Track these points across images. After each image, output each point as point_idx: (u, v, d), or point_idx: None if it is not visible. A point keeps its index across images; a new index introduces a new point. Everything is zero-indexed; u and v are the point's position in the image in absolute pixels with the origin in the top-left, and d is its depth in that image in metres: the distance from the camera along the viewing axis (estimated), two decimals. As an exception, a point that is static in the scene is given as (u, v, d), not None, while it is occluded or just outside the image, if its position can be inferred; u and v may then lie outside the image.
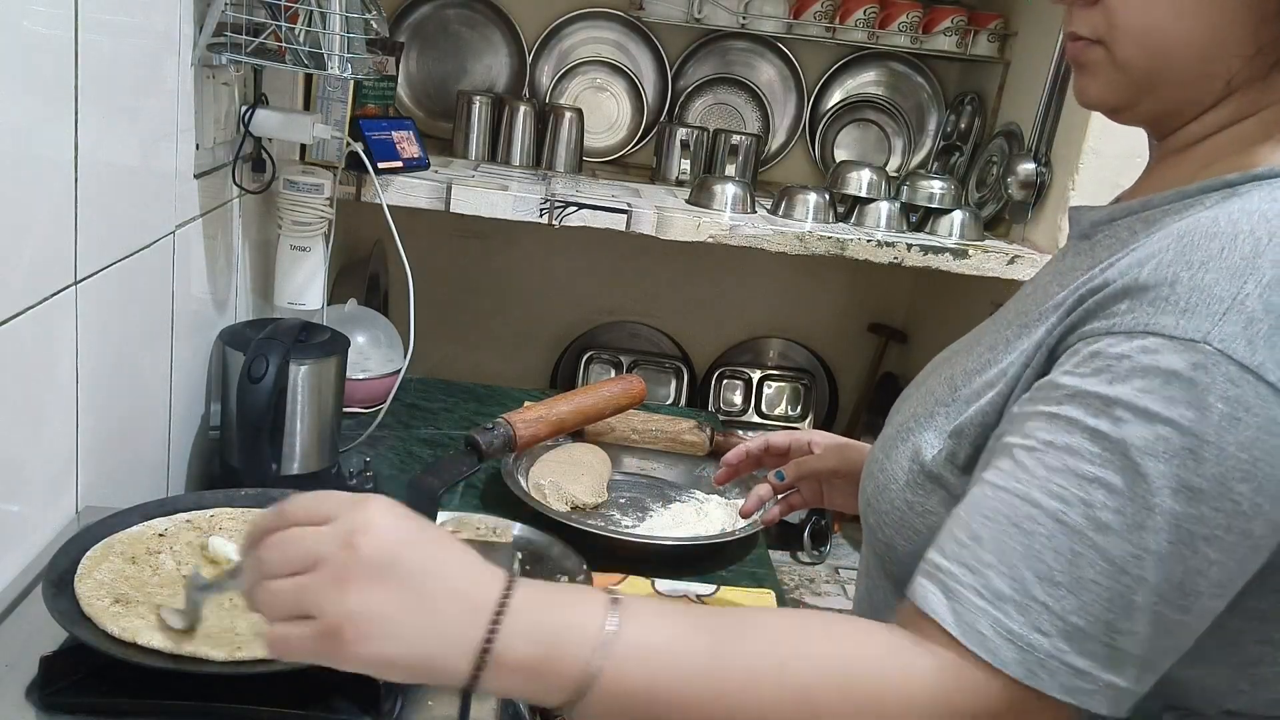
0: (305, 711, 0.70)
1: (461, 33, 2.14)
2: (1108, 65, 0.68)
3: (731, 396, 2.32)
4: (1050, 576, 0.57)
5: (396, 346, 1.58)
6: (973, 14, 2.01)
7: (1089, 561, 0.56)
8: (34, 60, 0.79)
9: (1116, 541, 0.56)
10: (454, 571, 0.58)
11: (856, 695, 0.59)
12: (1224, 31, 0.64)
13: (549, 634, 0.58)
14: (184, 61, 1.10)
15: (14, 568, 0.84)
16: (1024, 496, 0.59)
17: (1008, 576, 0.58)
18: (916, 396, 0.78)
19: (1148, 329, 0.58)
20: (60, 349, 0.88)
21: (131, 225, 1.01)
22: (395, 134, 1.64)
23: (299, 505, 0.59)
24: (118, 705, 0.69)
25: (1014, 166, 1.79)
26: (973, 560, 0.59)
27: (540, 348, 2.37)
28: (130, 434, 1.06)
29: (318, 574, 0.56)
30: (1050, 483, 0.58)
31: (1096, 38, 0.68)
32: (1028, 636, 0.57)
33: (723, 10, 1.99)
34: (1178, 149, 0.70)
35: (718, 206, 1.76)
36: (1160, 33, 0.65)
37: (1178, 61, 0.66)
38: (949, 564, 0.61)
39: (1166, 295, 0.58)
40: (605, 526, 1.28)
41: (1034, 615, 0.57)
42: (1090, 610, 0.56)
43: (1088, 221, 0.75)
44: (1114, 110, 0.71)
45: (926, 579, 0.61)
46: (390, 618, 0.56)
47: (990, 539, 0.59)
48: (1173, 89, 0.67)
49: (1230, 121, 0.67)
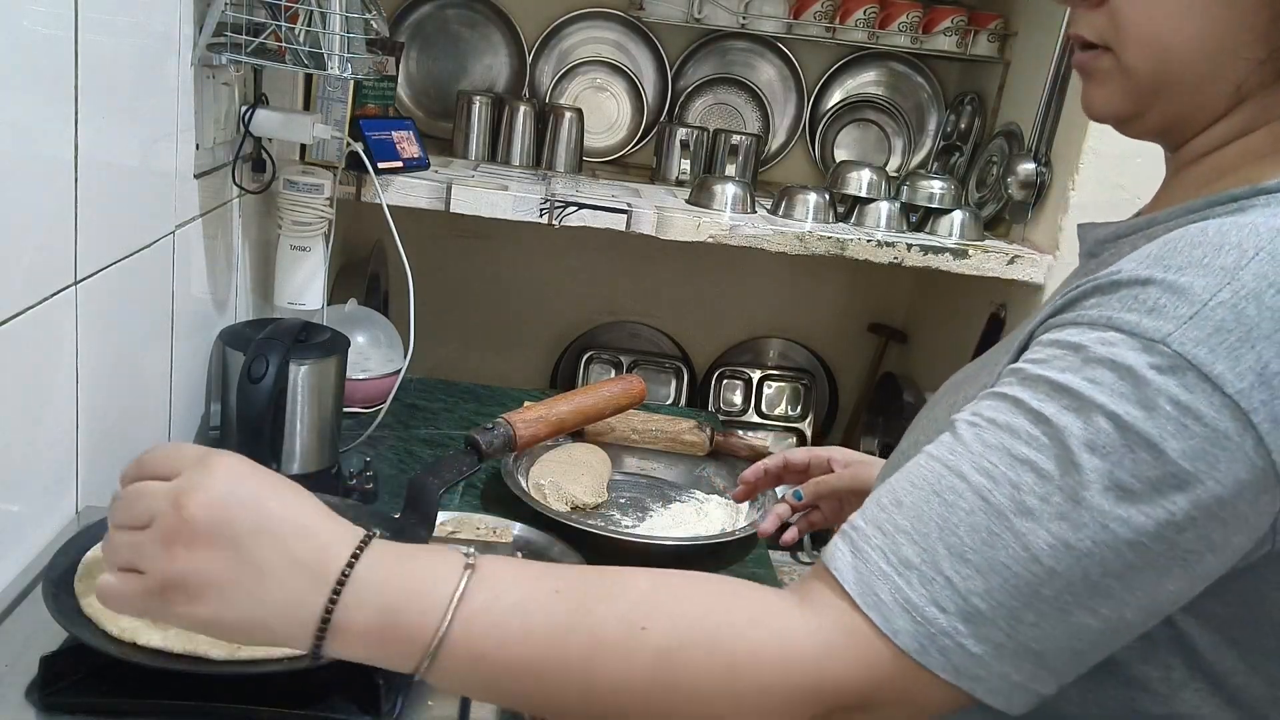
0: (305, 711, 0.70)
1: (461, 33, 2.14)
2: (1115, 72, 0.66)
3: (731, 396, 2.32)
4: (961, 553, 0.55)
5: (396, 346, 1.58)
6: (973, 14, 2.01)
7: (1004, 544, 0.54)
8: (34, 60, 0.79)
9: (1036, 529, 0.54)
10: (295, 537, 0.56)
11: (723, 657, 0.56)
12: (1233, 35, 0.62)
13: (393, 601, 0.56)
14: (184, 61, 1.10)
15: (14, 568, 0.84)
16: (953, 468, 0.57)
17: (918, 545, 0.56)
18: (928, 418, 0.77)
19: (1109, 323, 0.56)
20: (60, 349, 0.88)
21: (131, 225, 1.01)
22: (395, 134, 1.64)
23: (155, 456, 0.59)
24: (118, 705, 0.69)
25: (1014, 166, 1.79)
26: (888, 524, 0.58)
27: (540, 348, 2.37)
28: (130, 434, 1.06)
29: (149, 532, 0.56)
30: (983, 459, 0.57)
31: (1102, 42, 0.66)
32: (925, 610, 0.55)
33: (723, 10, 1.99)
34: (1188, 161, 0.68)
35: (718, 206, 1.76)
36: (1168, 35, 0.63)
37: (1186, 66, 0.63)
38: (864, 525, 0.59)
39: (1136, 294, 0.56)
40: (605, 526, 1.28)
41: (936, 589, 0.55)
42: (995, 595, 0.54)
43: (1093, 239, 0.74)
44: (1123, 121, 0.69)
45: (839, 537, 0.59)
46: (219, 583, 0.55)
47: (910, 505, 0.58)
48: (1181, 96, 0.65)
49: (1240, 133, 0.65)
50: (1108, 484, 0.53)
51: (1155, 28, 0.63)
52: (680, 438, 1.50)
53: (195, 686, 0.69)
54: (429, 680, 0.57)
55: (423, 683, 0.58)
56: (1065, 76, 1.74)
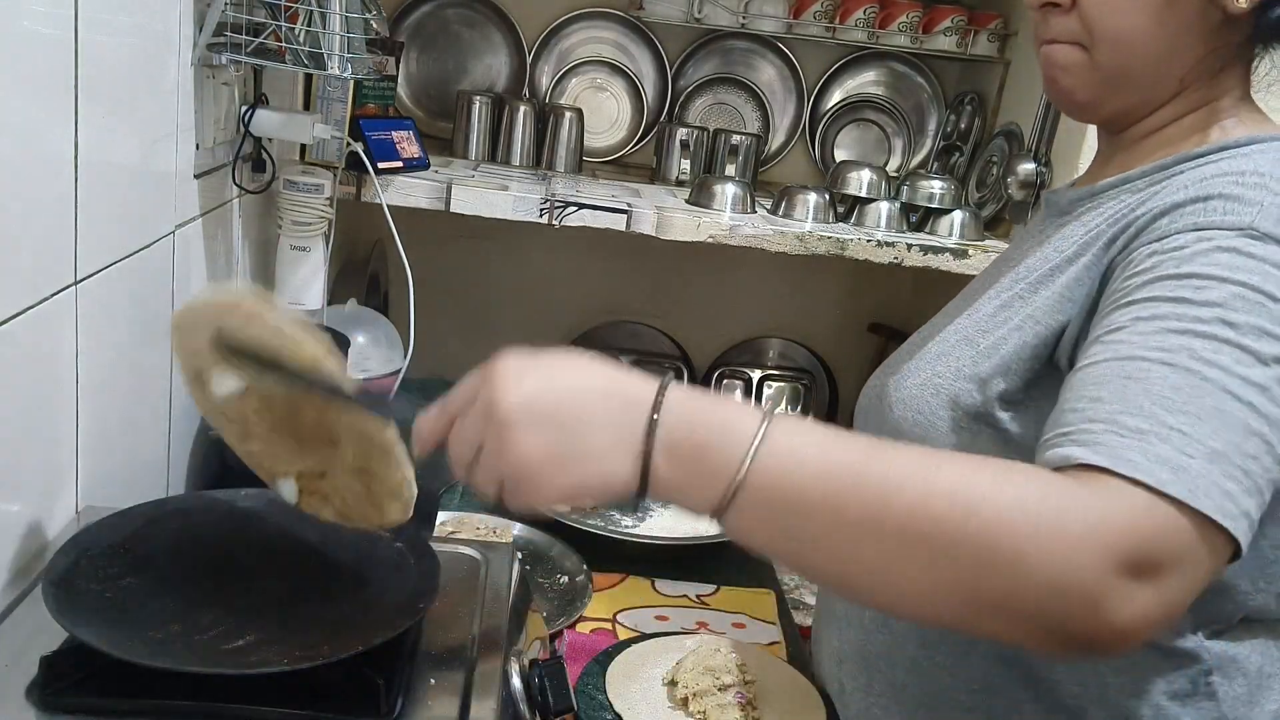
0: (305, 711, 0.70)
1: (461, 33, 2.14)
2: (1084, 66, 0.79)
3: (732, 396, 2.32)
4: (1179, 407, 0.59)
5: (396, 346, 1.58)
6: (973, 14, 2.01)
7: (1206, 391, 0.60)
8: (34, 60, 0.79)
9: (1223, 375, 0.60)
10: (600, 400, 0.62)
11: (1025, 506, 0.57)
12: (1181, 35, 0.76)
13: (702, 438, 0.61)
14: (184, 61, 1.10)
15: (14, 568, 0.84)
16: (1128, 356, 0.63)
17: (1139, 415, 0.60)
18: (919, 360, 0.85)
19: (1197, 226, 0.67)
20: (60, 349, 0.88)
21: (131, 225, 1.01)
22: (395, 134, 1.64)
23: (455, 398, 0.66)
24: (118, 705, 0.69)
25: (1014, 166, 1.79)
26: (1099, 413, 0.61)
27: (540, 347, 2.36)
28: (130, 434, 1.06)
29: (483, 453, 0.63)
30: (1148, 342, 0.63)
31: (1075, 41, 0.78)
32: (1178, 459, 0.58)
33: (723, 10, 1.99)
34: (1134, 140, 0.82)
35: (718, 206, 1.76)
36: (1132, 35, 0.76)
37: (1144, 62, 0.77)
38: (1075, 427, 0.61)
39: (1204, 206, 0.68)
40: (605, 526, 1.28)
41: (1176, 441, 0.58)
42: (1222, 435, 0.59)
43: (1066, 200, 0.86)
44: (1082, 107, 0.82)
45: (1054, 448, 0.61)
46: (552, 459, 0.61)
47: (1110, 396, 0.61)
48: (1136, 88, 0.79)
49: (1181, 115, 0.80)
50: (1260, 331, 0.62)
51: (1123, 29, 0.76)
52: (680, 438, 1.50)
53: (195, 686, 0.69)
54: (726, 521, 0.61)
55: (422, 683, 0.58)
56: (1065, 76, 1.74)
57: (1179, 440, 0.58)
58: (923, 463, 0.60)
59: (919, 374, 0.85)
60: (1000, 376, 0.77)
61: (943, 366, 0.82)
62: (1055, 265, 0.79)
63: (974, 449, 0.78)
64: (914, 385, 0.84)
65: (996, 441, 0.77)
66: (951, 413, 0.79)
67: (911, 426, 0.82)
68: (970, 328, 0.83)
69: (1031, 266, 0.82)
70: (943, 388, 0.81)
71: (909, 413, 0.83)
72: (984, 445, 0.77)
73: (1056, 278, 0.78)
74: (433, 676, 0.75)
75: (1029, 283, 0.80)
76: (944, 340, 0.85)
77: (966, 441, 0.78)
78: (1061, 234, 0.82)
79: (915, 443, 0.76)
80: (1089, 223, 0.80)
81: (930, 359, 0.85)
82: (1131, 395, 0.60)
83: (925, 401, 0.81)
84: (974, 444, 0.78)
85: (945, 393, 0.80)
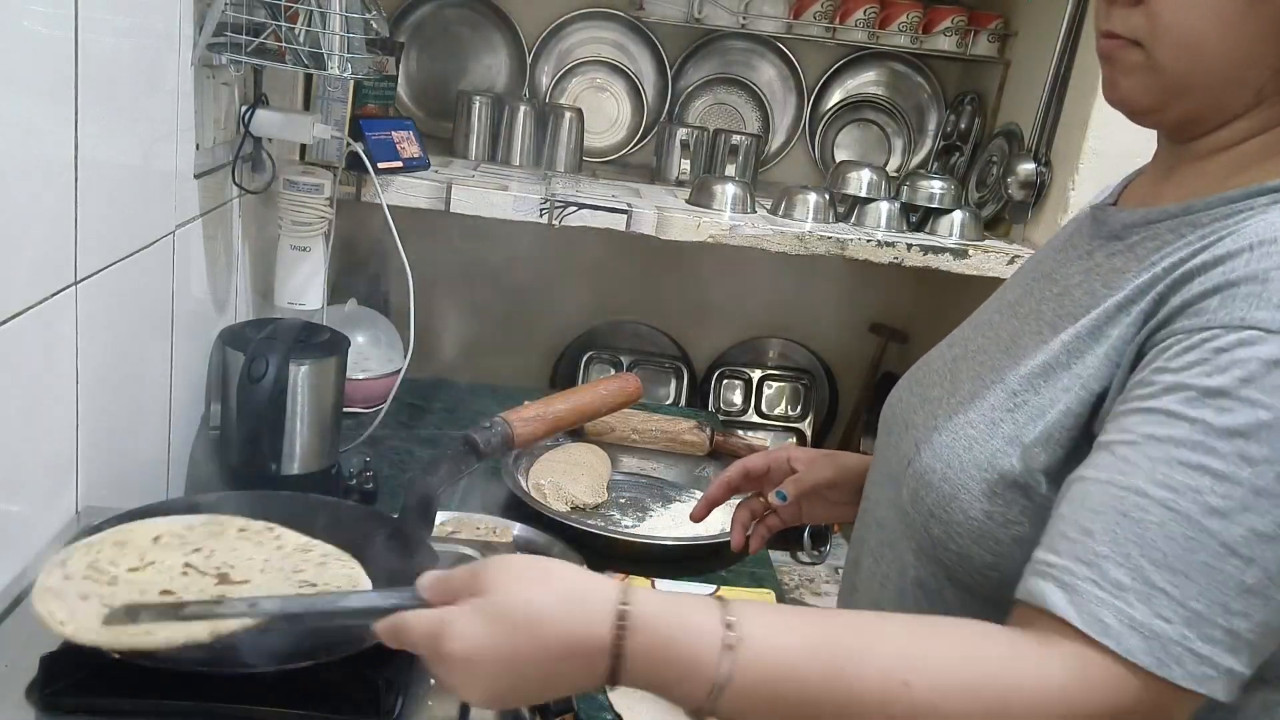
0: (305, 711, 0.70)
1: (461, 33, 2.14)
2: (1143, 67, 0.70)
3: (731, 396, 2.32)
4: (1167, 563, 0.57)
5: (396, 346, 1.58)
6: (973, 14, 2.01)
7: (1201, 545, 0.57)
8: (34, 60, 0.79)
9: (1226, 525, 0.57)
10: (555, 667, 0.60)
11: (985, 699, 0.58)
12: (1260, 43, 0.66)
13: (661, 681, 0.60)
14: (184, 61, 1.10)
15: (14, 568, 0.84)
16: (1130, 488, 0.60)
17: (1124, 566, 0.58)
18: (953, 400, 0.78)
19: (1244, 323, 0.60)
20: (60, 349, 0.88)
21: (131, 225, 1.01)
22: (395, 134, 1.64)
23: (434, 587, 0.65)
24: (118, 705, 0.69)
25: (1014, 166, 1.79)
26: (1086, 554, 0.60)
27: (540, 348, 2.37)
28: (130, 434, 1.06)
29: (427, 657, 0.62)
30: (1155, 473, 0.59)
31: (1135, 39, 0.69)
32: (1151, 624, 0.57)
33: (723, 10, 1.99)
34: (1201, 155, 0.72)
35: (718, 206, 1.76)
36: (1201, 39, 0.67)
37: (1213, 69, 0.68)
38: (1062, 560, 0.60)
39: (1259, 291, 0.60)
40: (605, 526, 1.28)
41: (1156, 603, 0.57)
42: (1208, 594, 0.57)
43: (1119, 223, 0.76)
44: (1141, 112, 0.73)
45: (1039, 578, 0.61)
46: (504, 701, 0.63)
47: (1101, 531, 0.60)
48: (1204, 95, 0.69)
49: (1258, 131, 0.70)
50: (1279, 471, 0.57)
51: (1191, 32, 0.67)
52: (680, 438, 1.50)
53: (195, 686, 0.69)
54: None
55: (423, 683, 0.58)
56: (1065, 76, 1.74)
57: (1160, 602, 0.57)
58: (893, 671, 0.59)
59: (950, 427, 0.77)
60: (1042, 446, 0.70)
61: (977, 415, 0.75)
62: (1106, 312, 0.70)
63: (1005, 519, 0.71)
64: (946, 439, 0.76)
65: (1029, 513, 0.70)
66: (985, 475, 0.72)
67: (940, 481, 0.75)
68: (1015, 380, 0.74)
69: (1080, 303, 0.74)
70: (978, 441, 0.74)
71: (938, 464, 0.76)
72: (1015, 517, 0.71)
73: (1107, 331, 0.70)
74: (433, 677, 0.75)
75: (1076, 333, 0.72)
76: (981, 380, 0.78)
77: (999, 512, 0.71)
78: (1112, 264, 0.74)
79: (940, 501, 0.74)
80: (1144, 258, 0.71)
81: (964, 403, 0.78)
82: (1123, 539, 0.59)
83: (958, 456, 0.74)
84: (1006, 515, 0.71)
85: (981, 451, 0.73)
